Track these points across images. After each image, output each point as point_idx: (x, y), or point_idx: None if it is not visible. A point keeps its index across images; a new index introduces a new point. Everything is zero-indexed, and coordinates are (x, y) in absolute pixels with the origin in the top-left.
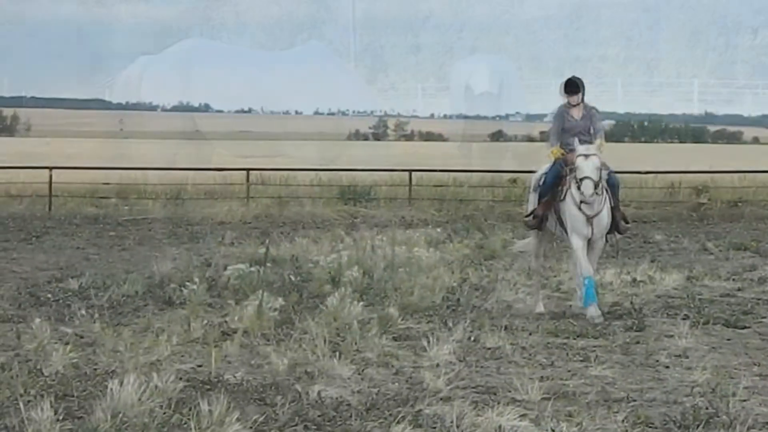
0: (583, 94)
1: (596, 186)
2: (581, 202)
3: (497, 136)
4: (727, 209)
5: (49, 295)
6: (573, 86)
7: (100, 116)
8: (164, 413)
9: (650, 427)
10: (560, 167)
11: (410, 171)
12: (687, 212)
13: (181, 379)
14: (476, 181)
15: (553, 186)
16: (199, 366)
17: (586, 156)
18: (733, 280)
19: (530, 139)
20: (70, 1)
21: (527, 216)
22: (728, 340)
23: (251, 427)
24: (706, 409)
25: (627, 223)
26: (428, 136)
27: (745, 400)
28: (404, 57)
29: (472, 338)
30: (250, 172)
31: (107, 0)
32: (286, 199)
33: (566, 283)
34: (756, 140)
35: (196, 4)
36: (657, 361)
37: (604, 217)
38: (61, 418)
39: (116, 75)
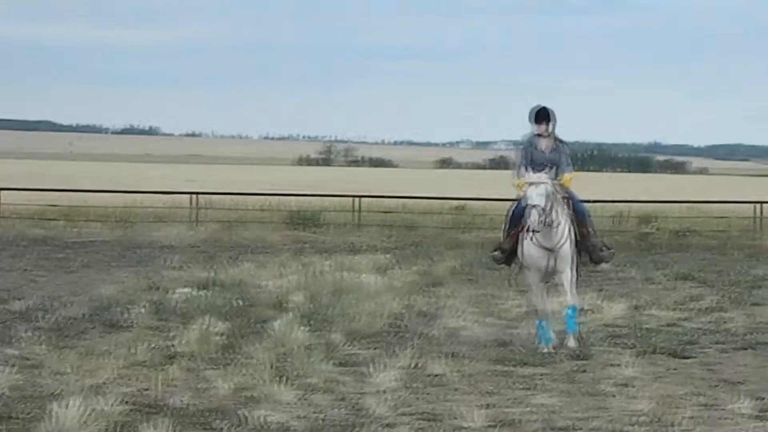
0: (554, 125)
1: (544, 215)
2: (533, 231)
3: (445, 163)
4: (674, 239)
5: None
6: (542, 115)
7: (48, 138)
8: None
9: None
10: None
11: (358, 197)
12: (634, 241)
13: (125, 402)
14: (424, 207)
15: (518, 219)
16: (144, 389)
17: (535, 184)
18: (679, 309)
19: (478, 167)
20: (18, 22)
21: (493, 251)
22: (673, 369)
23: None
24: None
25: (609, 248)
26: (377, 162)
27: (688, 430)
28: (356, 82)
29: (417, 365)
30: (198, 195)
31: (57, 20)
32: (233, 224)
33: (511, 311)
34: (703, 170)
35: (152, 26)
36: (601, 390)
37: (565, 250)
38: None
39: (65, 97)
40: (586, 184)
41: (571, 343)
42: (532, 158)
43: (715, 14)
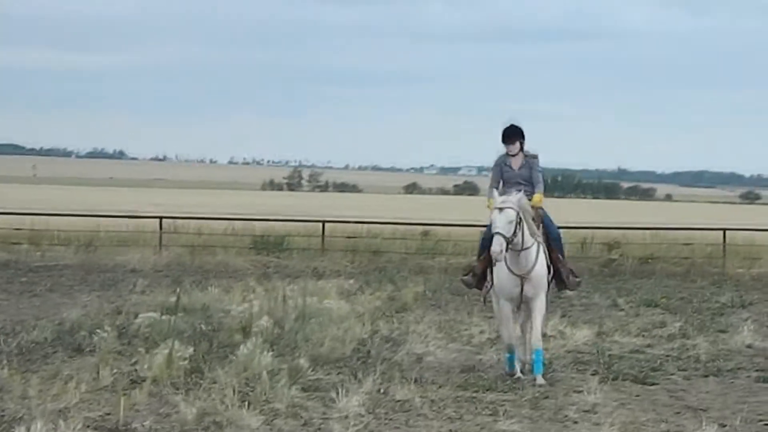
0: (523, 143)
1: (509, 242)
2: (496, 260)
3: (411, 189)
4: (638, 265)
5: None
6: (511, 135)
7: (13, 161)
8: None
9: None
10: None
11: (323, 221)
12: (598, 267)
13: (88, 426)
14: (389, 232)
15: (490, 242)
16: (108, 414)
17: (501, 209)
18: (643, 336)
19: (444, 192)
20: None
21: (464, 275)
22: (637, 396)
23: None
24: None
25: (576, 276)
26: (342, 187)
27: None
28: (322, 108)
29: (382, 390)
30: (163, 219)
31: (22, 44)
32: (198, 248)
33: (476, 337)
34: (668, 197)
35: (118, 50)
36: (566, 416)
37: (537, 275)
38: None
39: (30, 120)
40: (551, 210)
41: (539, 381)
42: (504, 177)
43: (682, 43)
